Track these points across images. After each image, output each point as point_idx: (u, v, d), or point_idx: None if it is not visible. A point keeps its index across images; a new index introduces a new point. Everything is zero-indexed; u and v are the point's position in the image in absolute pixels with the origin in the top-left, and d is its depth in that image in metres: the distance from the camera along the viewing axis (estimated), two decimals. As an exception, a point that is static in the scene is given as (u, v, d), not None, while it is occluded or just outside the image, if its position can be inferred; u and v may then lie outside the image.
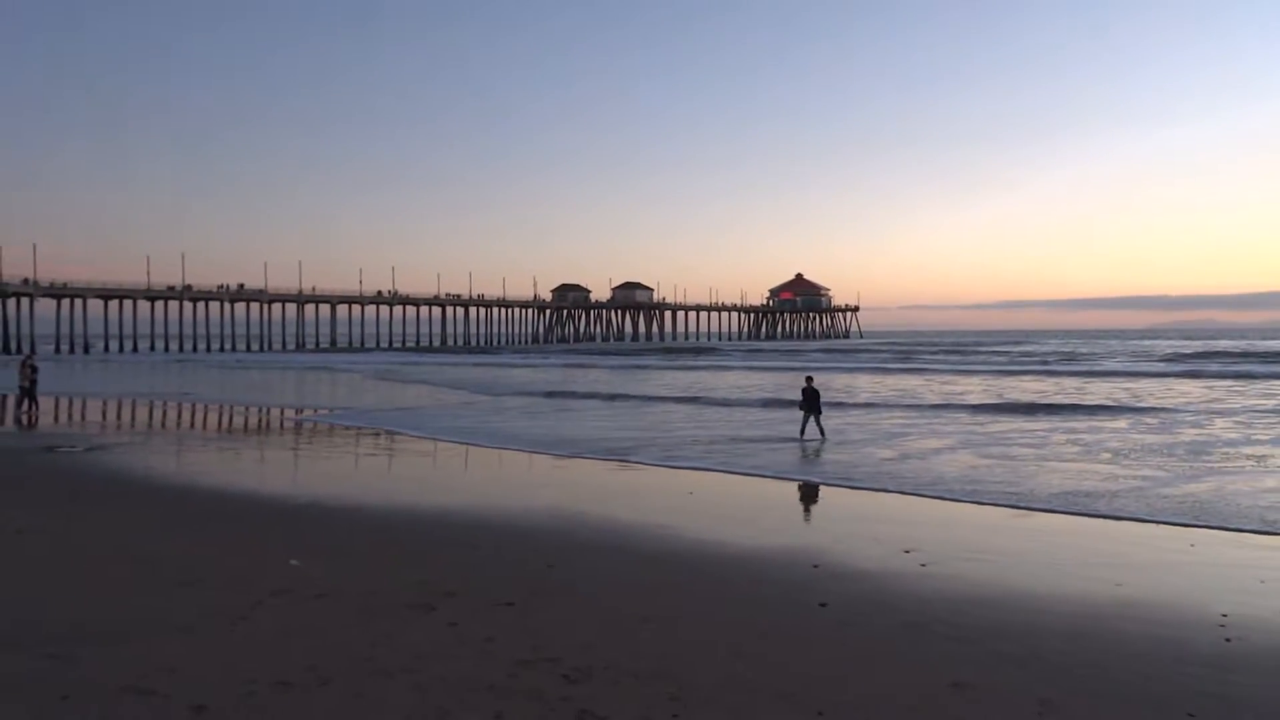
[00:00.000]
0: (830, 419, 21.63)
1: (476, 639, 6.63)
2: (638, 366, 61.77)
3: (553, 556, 9.54)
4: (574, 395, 35.52)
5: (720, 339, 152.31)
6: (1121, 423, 23.65)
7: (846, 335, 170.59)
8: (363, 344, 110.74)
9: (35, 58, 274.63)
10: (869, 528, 11.25)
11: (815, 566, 9.15)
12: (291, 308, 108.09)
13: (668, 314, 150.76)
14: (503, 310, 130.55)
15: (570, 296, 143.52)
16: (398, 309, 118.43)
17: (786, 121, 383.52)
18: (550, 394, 36.06)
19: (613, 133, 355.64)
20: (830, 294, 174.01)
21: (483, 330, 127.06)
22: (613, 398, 34.27)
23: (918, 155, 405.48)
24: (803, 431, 19.65)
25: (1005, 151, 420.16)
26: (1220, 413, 25.93)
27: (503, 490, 14.44)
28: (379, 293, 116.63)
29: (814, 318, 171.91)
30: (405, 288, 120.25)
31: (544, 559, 9.41)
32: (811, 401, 19.81)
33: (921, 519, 11.94)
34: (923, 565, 9.23)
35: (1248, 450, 18.01)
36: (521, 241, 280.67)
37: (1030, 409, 27.71)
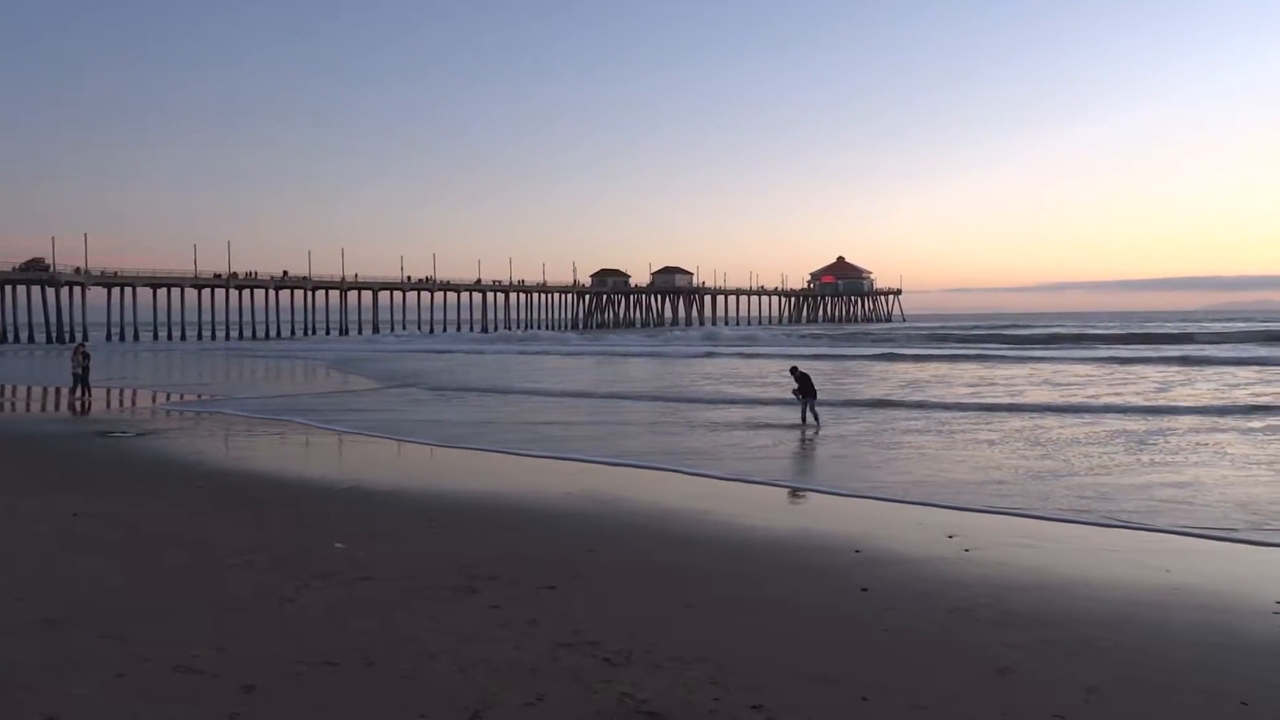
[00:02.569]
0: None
1: (519, 622, 6.68)
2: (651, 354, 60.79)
3: (592, 541, 9.58)
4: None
5: (761, 323, 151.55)
6: None
7: (889, 319, 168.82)
8: (404, 328, 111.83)
9: (83, 51, 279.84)
10: (912, 514, 11.13)
11: (857, 551, 9.09)
12: (335, 294, 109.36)
13: (707, 298, 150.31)
14: (542, 296, 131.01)
15: (609, 282, 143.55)
16: (439, 295, 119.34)
17: (827, 104, 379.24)
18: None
19: (652, 117, 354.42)
20: (873, 277, 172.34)
21: (522, 315, 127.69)
22: (563, 394, 29.97)
23: (959, 135, 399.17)
24: (804, 418, 19.38)
25: (1042, 124, 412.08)
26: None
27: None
28: (422, 279, 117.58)
29: (856, 301, 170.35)
30: (446, 274, 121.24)
31: (584, 544, 9.46)
32: (806, 387, 19.65)
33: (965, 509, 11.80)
34: (966, 550, 9.13)
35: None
36: (561, 227, 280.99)
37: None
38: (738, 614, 7.05)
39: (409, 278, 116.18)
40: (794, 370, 20.45)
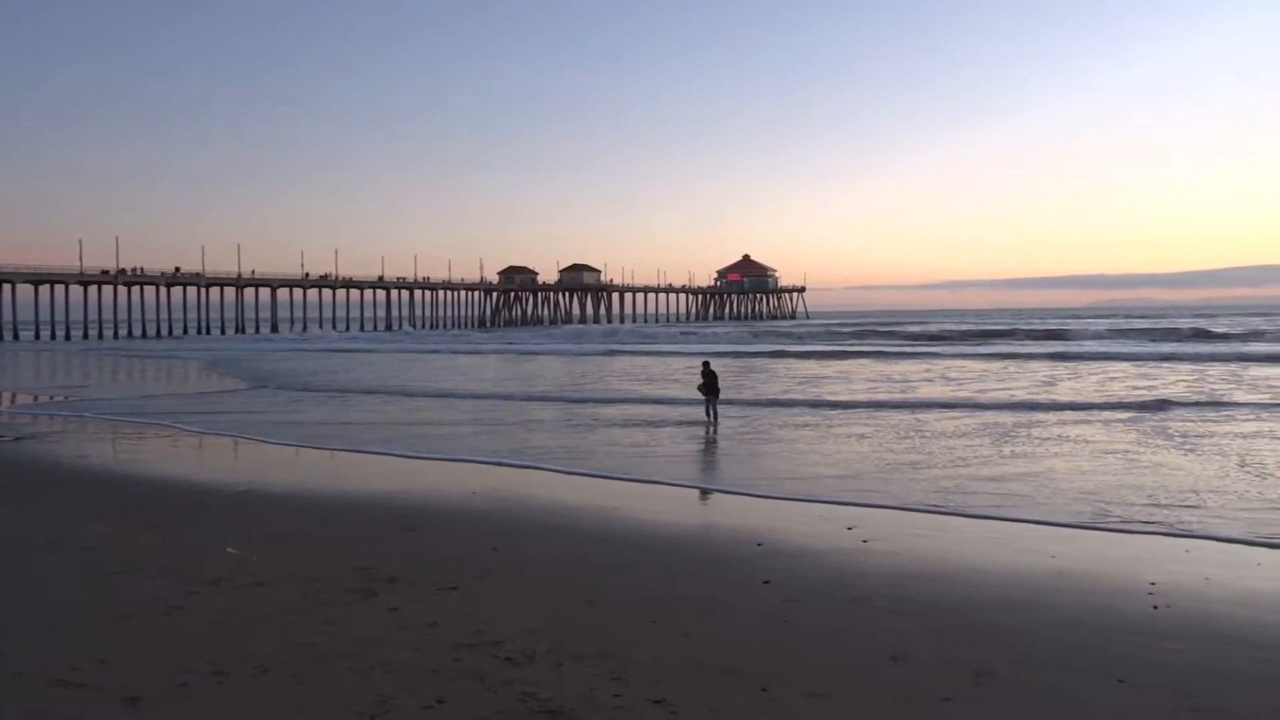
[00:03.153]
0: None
1: (419, 624, 6.57)
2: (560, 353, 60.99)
3: (497, 540, 9.49)
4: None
5: (669, 320, 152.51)
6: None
7: (793, 316, 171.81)
8: (305, 327, 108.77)
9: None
10: (814, 509, 11.32)
11: (759, 545, 9.22)
12: (230, 291, 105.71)
13: (615, 296, 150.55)
14: (448, 293, 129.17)
15: (517, 279, 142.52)
16: (341, 293, 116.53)
17: (733, 103, 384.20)
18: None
19: (563, 116, 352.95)
20: (777, 275, 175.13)
21: (428, 313, 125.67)
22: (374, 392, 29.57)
23: (865, 137, 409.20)
24: (708, 415, 19.37)
25: (941, 127, 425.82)
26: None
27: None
28: (321, 276, 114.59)
29: (761, 298, 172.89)
30: (349, 271, 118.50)
31: (489, 542, 9.36)
32: (710, 385, 19.64)
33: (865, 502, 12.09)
34: (865, 542, 9.35)
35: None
36: (469, 224, 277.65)
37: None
38: (641, 609, 7.08)
39: (307, 274, 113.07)
40: (706, 365, 20.49)
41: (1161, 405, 21.39)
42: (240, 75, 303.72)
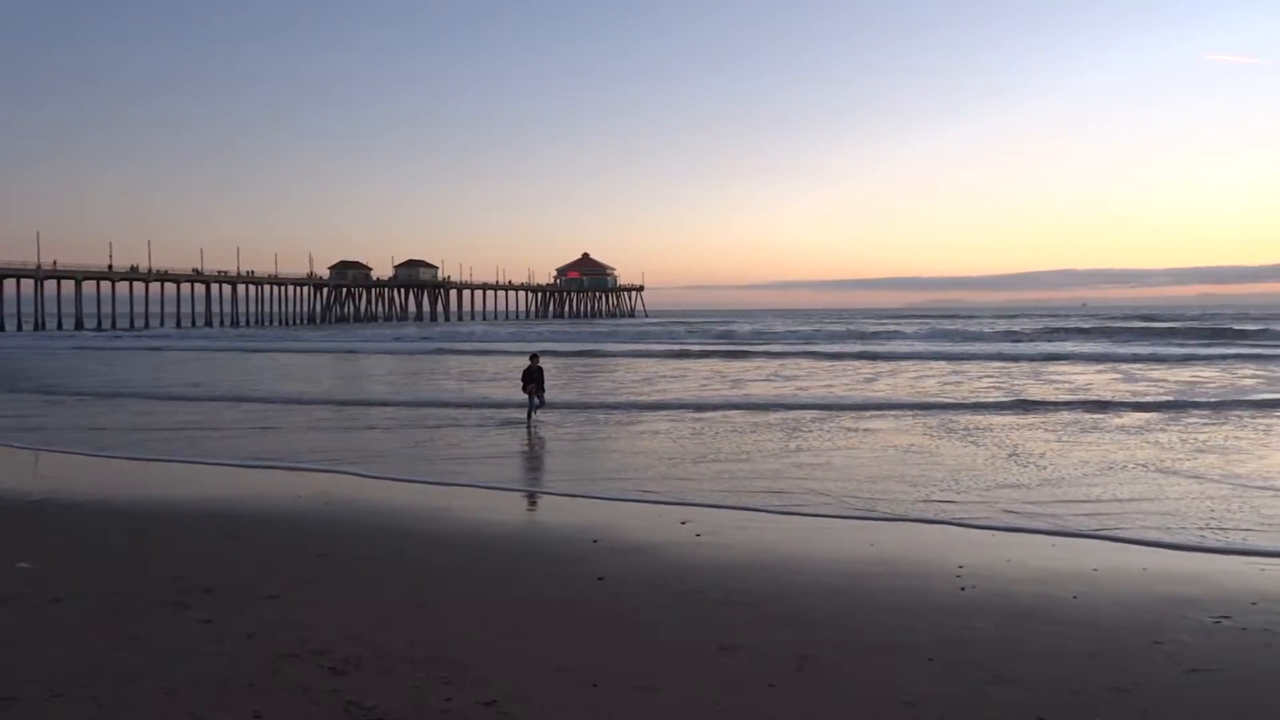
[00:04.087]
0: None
1: (235, 635, 6.24)
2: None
3: (324, 545, 9.13)
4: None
5: (508, 318, 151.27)
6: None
7: (632, 314, 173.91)
8: (114, 324, 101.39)
9: None
10: (649, 506, 11.45)
11: (595, 541, 9.26)
12: (28, 284, 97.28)
13: (453, 293, 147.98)
14: (275, 288, 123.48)
15: (349, 274, 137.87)
16: (155, 286, 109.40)
17: (571, 99, 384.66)
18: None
19: (396, 107, 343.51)
20: (616, 273, 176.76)
21: (252, 309, 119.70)
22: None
23: (702, 139, 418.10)
24: (530, 414, 19.04)
25: (788, 139, 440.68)
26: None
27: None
28: (130, 268, 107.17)
29: (600, 297, 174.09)
30: (163, 263, 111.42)
31: (315, 548, 9.00)
32: (536, 383, 19.22)
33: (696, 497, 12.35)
34: (698, 536, 9.55)
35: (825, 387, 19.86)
36: (296, 217, 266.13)
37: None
38: (473, 611, 6.98)
39: (110, 265, 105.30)
40: (534, 358, 20.17)
41: (1021, 404, 22.27)
42: (35, 53, 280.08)
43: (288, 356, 49.40)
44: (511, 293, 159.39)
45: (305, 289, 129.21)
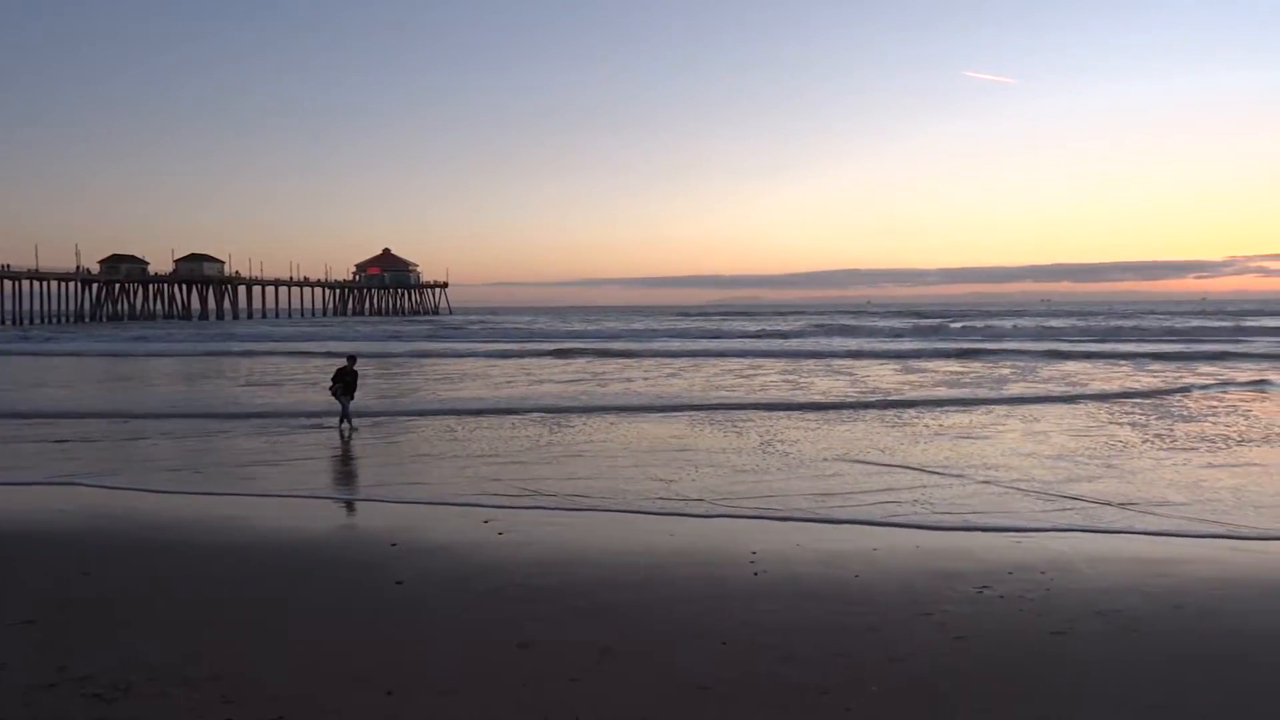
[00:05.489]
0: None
1: (-18, 668, 5.62)
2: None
3: (90, 563, 8.39)
4: None
5: (304, 315, 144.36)
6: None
7: (436, 311, 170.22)
8: None
9: None
10: (453, 508, 11.22)
11: (393, 545, 9.00)
12: None
13: (241, 289, 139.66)
14: (36, 283, 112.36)
15: (123, 269, 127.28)
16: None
17: (369, 92, 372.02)
18: None
19: (178, 89, 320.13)
20: (419, 270, 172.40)
21: (11, 306, 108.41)
22: None
23: (508, 135, 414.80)
24: (343, 418, 18.21)
25: (579, 130, 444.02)
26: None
27: (30, 491, 12.41)
28: None
29: (402, 294, 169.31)
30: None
31: (79, 566, 8.25)
32: (346, 385, 18.25)
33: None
34: (500, 534, 9.47)
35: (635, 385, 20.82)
36: (59, 206, 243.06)
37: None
38: (264, 623, 6.61)
39: None
40: (351, 360, 19.20)
41: (893, 404, 23.65)
42: None
43: (54, 360, 45.07)
44: (307, 290, 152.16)
45: (73, 285, 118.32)
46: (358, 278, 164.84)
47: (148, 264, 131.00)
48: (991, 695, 5.33)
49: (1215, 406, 20.81)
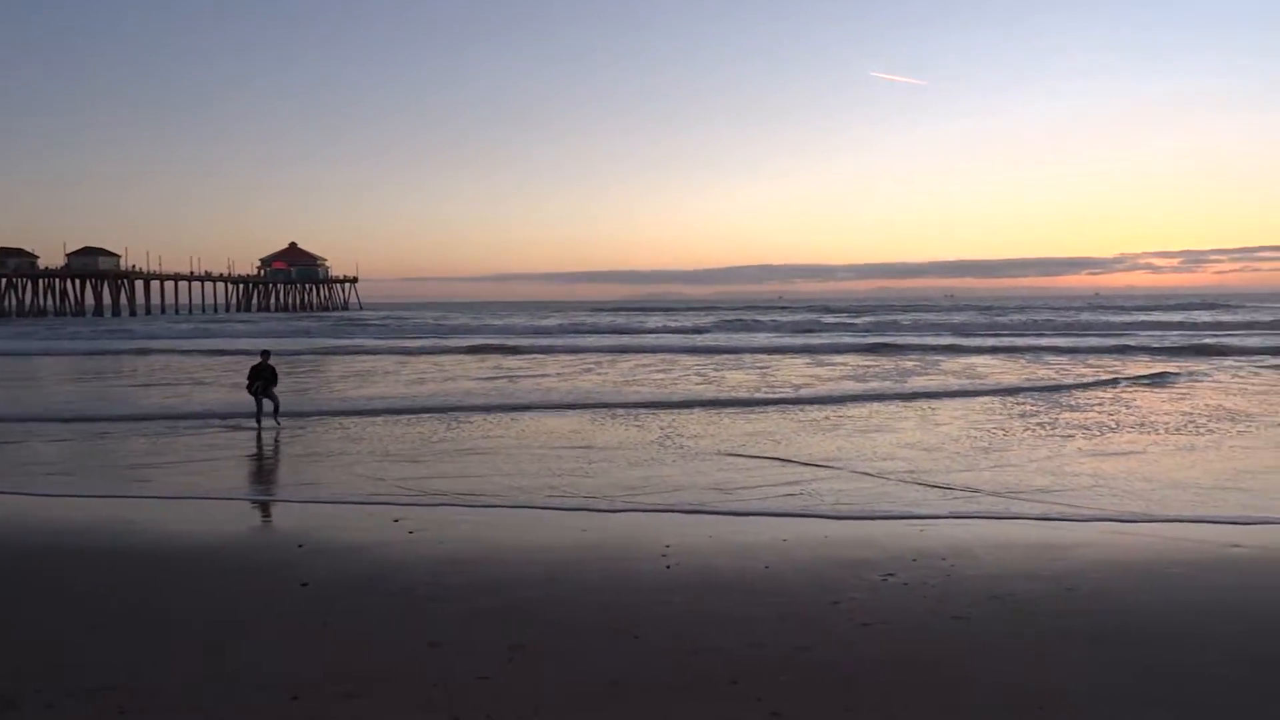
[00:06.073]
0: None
1: None
2: None
3: (-27, 571, 7.98)
4: None
5: (205, 311, 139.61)
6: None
7: (346, 307, 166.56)
8: None
9: None
10: (363, 507, 11.02)
11: (300, 546, 8.79)
12: None
13: (139, 284, 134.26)
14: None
15: (10, 263, 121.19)
16: None
17: (276, 78, 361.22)
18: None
19: (68, 78, 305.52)
20: (328, 264, 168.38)
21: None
22: None
23: (418, 127, 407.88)
24: (258, 417, 17.72)
25: (499, 130, 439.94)
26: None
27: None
28: None
29: (310, 289, 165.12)
30: None
31: (-40, 575, 7.84)
32: (265, 382, 17.73)
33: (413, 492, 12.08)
34: (410, 533, 9.33)
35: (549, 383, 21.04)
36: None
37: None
38: (160, 630, 6.38)
39: None
40: (265, 355, 18.63)
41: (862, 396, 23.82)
42: None
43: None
44: (209, 285, 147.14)
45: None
46: (263, 272, 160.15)
47: (37, 258, 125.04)
48: (896, 679, 5.48)
49: (1104, 398, 21.79)
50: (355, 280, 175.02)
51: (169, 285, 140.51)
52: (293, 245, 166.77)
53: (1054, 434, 15.89)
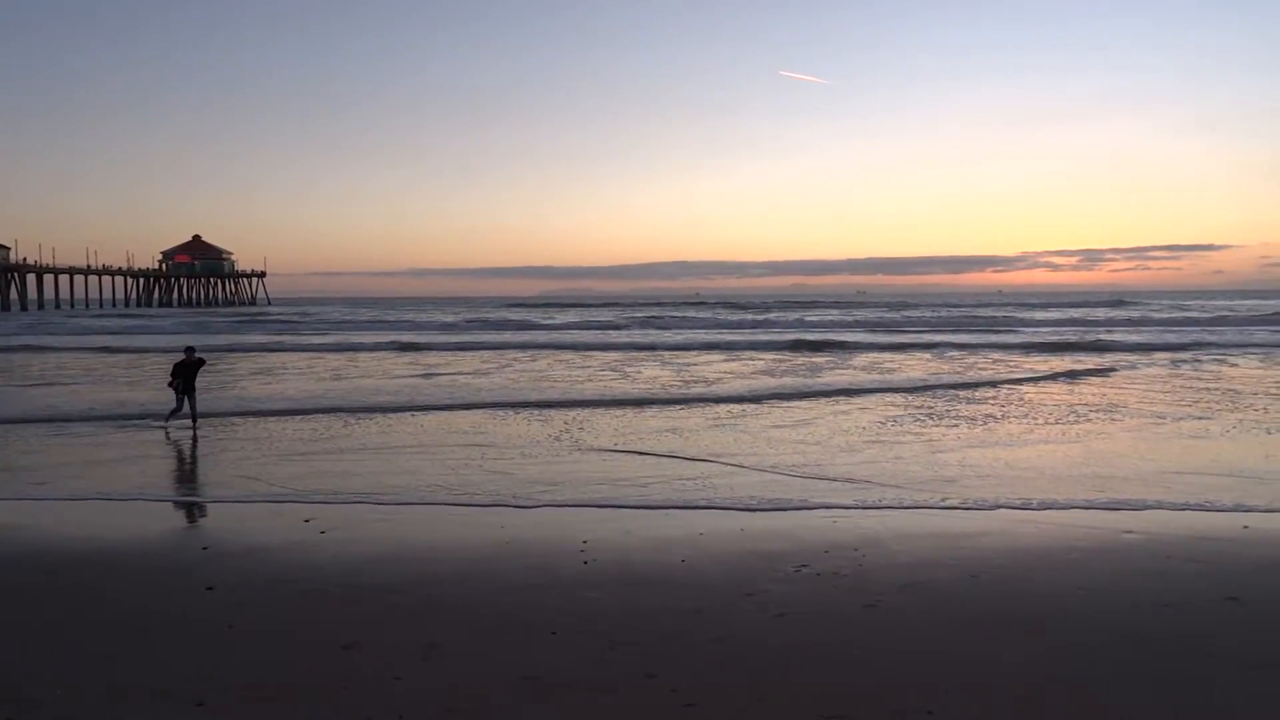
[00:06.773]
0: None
1: None
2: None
3: None
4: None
5: (102, 306, 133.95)
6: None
7: (254, 301, 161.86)
8: None
9: None
10: (272, 506, 10.72)
11: (205, 548, 8.52)
12: None
13: (30, 278, 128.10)
14: None
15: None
16: None
17: (176, 66, 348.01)
18: None
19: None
20: (234, 258, 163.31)
21: None
22: None
23: (331, 118, 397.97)
24: (174, 414, 17.10)
25: (419, 122, 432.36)
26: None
27: None
28: None
29: (216, 283, 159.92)
30: None
31: None
32: (187, 380, 17.14)
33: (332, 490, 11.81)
34: (323, 533, 9.13)
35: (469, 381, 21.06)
36: None
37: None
38: (53, 638, 6.11)
39: None
40: (189, 351, 17.94)
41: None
42: None
43: None
44: (107, 279, 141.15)
45: None
46: (164, 266, 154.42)
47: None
48: (808, 667, 5.59)
49: (1004, 393, 22.58)
50: (264, 274, 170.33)
51: (64, 279, 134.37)
52: (196, 238, 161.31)
53: (958, 427, 16.40)
